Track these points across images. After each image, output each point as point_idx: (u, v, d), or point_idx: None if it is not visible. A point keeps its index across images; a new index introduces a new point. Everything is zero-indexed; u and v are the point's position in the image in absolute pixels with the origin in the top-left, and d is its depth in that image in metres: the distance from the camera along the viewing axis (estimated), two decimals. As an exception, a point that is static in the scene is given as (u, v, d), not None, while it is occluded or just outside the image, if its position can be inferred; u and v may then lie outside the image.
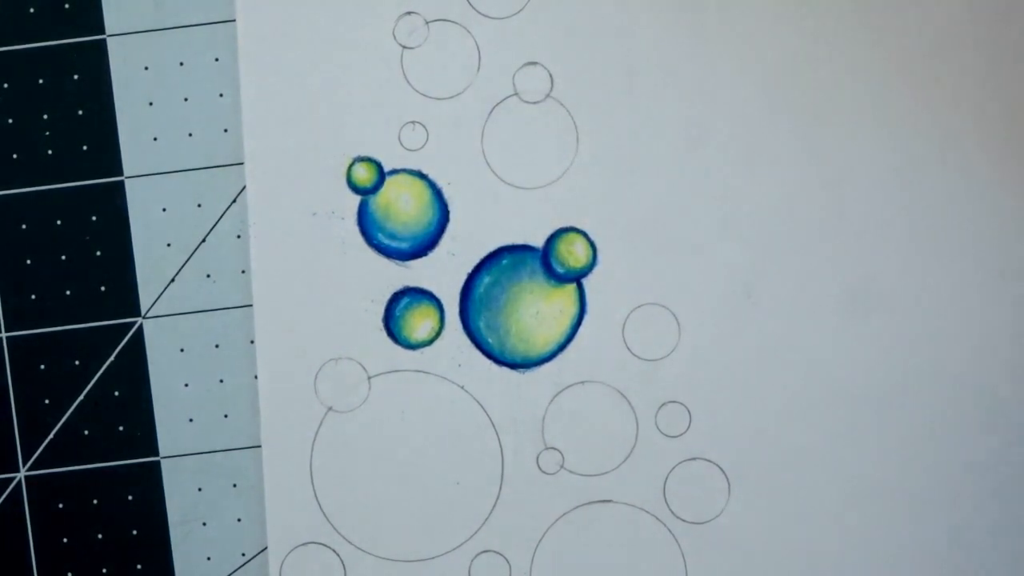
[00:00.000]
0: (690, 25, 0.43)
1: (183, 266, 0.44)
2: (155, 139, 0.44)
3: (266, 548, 0.43)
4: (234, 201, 0.44)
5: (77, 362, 0.44)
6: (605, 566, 0.43)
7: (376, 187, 0.43)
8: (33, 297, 0.44)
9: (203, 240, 0.44)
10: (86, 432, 0.44)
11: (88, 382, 0.44)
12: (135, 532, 0.44)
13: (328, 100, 0.43)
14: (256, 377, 0.43)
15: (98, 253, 0.44)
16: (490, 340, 0.43)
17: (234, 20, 0.43)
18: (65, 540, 0.44)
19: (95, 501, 0.44)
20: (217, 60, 0.44)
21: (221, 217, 0.44)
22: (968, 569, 0.43)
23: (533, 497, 0.43)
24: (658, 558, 0.43)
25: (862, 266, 0.42)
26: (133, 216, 0.44)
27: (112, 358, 0.44)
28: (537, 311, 0.43)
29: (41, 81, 0.44)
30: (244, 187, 0.43)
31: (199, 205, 0.44)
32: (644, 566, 0.43)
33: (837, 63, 0.43)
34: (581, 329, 0.43)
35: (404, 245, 0.43)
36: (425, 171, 0.43)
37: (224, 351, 0.44)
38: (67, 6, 0.44)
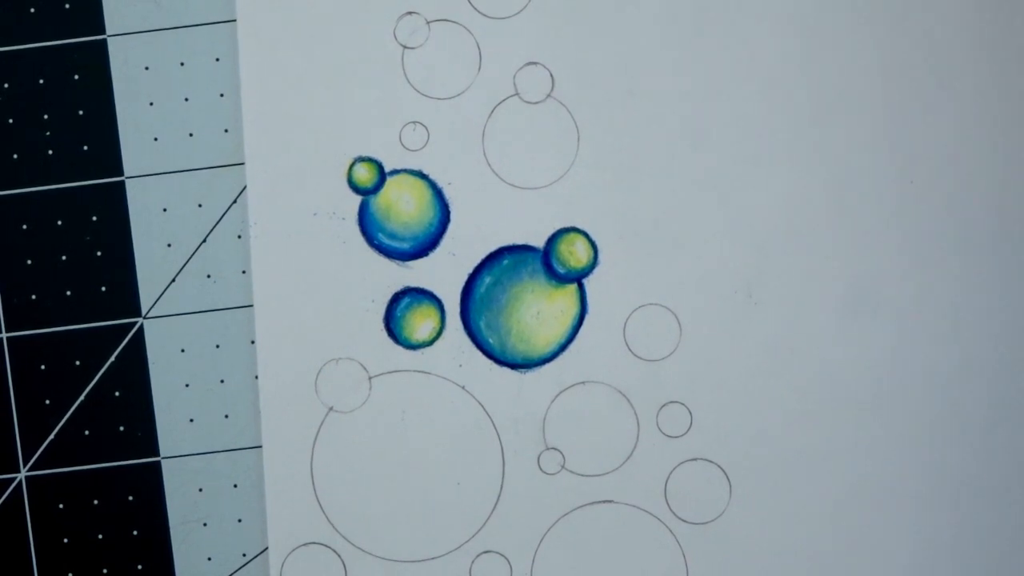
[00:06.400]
0: (690, 25, 0.43)
1: (184, 266, 0.44)
2: (156, 139, 0.44)
3: (267, 548, 0.43)
4: (235, 201, 0.44)
5: (78, 362, 0.44)
6: (606, 566, 0.43)
7: (377, 187, 0.43)
8: (33, 297, 0.44)
9: (204, 240, 0.44)
10: (87, 432, 0.44)
11: (89, 382, 0.44)
12: (136, 532, 0.44)
13: (329, 100, 0.43)
14: (257, 377, 0.43)
15: (99, 253, 0.44)
16: (491, 340, 0.43)
17: (234, 20, 0.43)
18: (66, 540, 0.44)
19: (96, 501, 0.44)
20: (218, 60, 0.44)
21: (222, 217, 0.44)
22: (968, 569, 0.43)
23: (534, 497, 0.43)
24: (659, 559, 0.43)
25: (863, 266, 0.43)
26: (134, 216, 0.44)
27: (113, 358, 0.44)
28: (538, 311, 0.43)
29: (41, 81, 0.44)
30: (245, 187, 0.43)
31: (200, 205, 0.44)
32: (645, 567, 0.43)
33: (837, 63, 0.43)
34: (582, 329, 0.43)
35: (405, 245, 0.43)
36: (426, 171, 0.43)
37: (225, 351, 0.44)
38: (67, 6, 0.44)
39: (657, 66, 0.43)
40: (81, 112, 0.44)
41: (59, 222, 0.44)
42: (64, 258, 0.44)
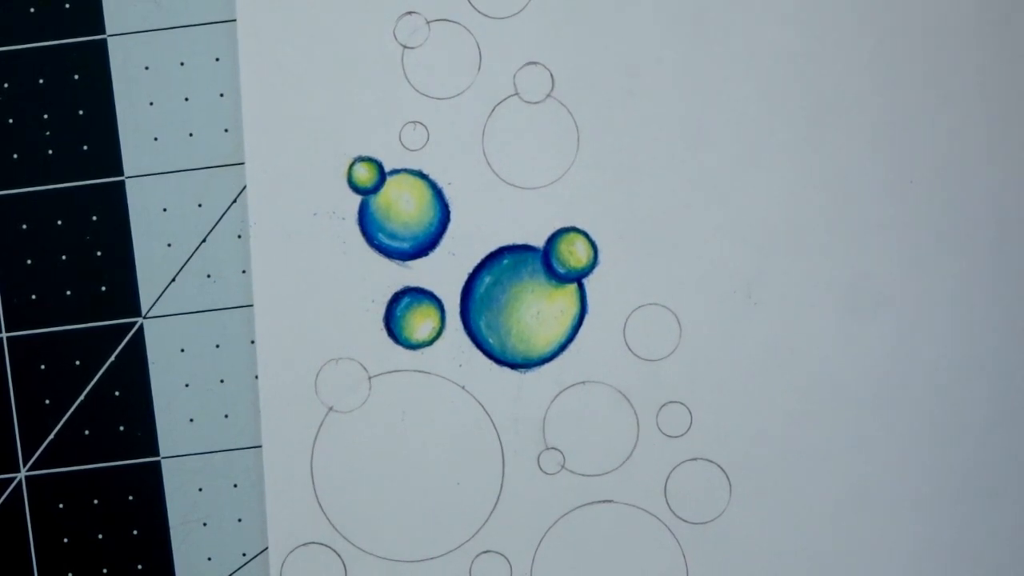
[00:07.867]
0: (690, 25, 0.43)
1: (183, 266, 0.44)
2: (155, 139, 0.44)
3: (267, 548, 0.43)
4: (235, 201, 0.44)
5: (78, 362, 0.44)
6: (606, 566, 0.43)
7: (377, 187, 0.43)
8: (33, 297, 0.44)
9: (204, 240, 0.44)
10: (87, 432, 0.44)
11: (89, 382, 0.44)
12: (136, 532, 0.44)
13: (329, 100, 0.43)
14: (257, 377, 0.43)
15: (98, 253, 0.44)
16: (491, 340, 0.43)
17: (234, 20, 0.43)
18: (66, 540, 0.44)
19: (95, 501, 0.44)
20: (217, 60, 0.44)
21: (222, 217, 0.44)
22: (968, 569, 0.43)
23: (534, 497, 0.43)
24: (659, 558, 0.43)
25: (862, 266, 0.42)
26: (133, 216, 0.44)
27: (113, 358, 0.44)
28: (538, 311, 0.43)
29: (41, 81, 0.44)
30: (244, 187, 0.43)
31: (200, 205, 0.44)
32: (645, 566, 0.43)
33: (837, 63, 0.43)
34: (582, 329, 0.43)
35: (405, 245, 0.43)
36: (426, 171, 0.43)
37: (224, 351, 0.44)
38: (67, 6, 0.44)
39: (657, 66, 0.43)
40: (81, 112, 0.44)
41: (59, 222, 0.44)
42: (64, 258, 0.44)
